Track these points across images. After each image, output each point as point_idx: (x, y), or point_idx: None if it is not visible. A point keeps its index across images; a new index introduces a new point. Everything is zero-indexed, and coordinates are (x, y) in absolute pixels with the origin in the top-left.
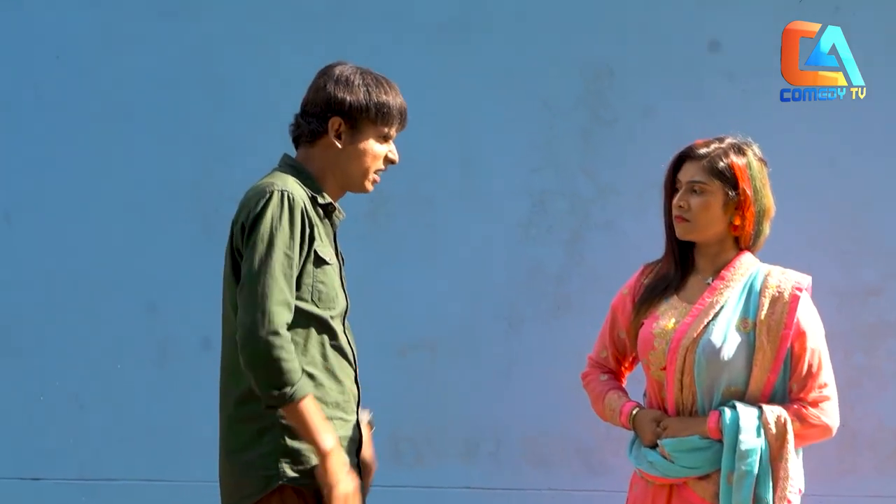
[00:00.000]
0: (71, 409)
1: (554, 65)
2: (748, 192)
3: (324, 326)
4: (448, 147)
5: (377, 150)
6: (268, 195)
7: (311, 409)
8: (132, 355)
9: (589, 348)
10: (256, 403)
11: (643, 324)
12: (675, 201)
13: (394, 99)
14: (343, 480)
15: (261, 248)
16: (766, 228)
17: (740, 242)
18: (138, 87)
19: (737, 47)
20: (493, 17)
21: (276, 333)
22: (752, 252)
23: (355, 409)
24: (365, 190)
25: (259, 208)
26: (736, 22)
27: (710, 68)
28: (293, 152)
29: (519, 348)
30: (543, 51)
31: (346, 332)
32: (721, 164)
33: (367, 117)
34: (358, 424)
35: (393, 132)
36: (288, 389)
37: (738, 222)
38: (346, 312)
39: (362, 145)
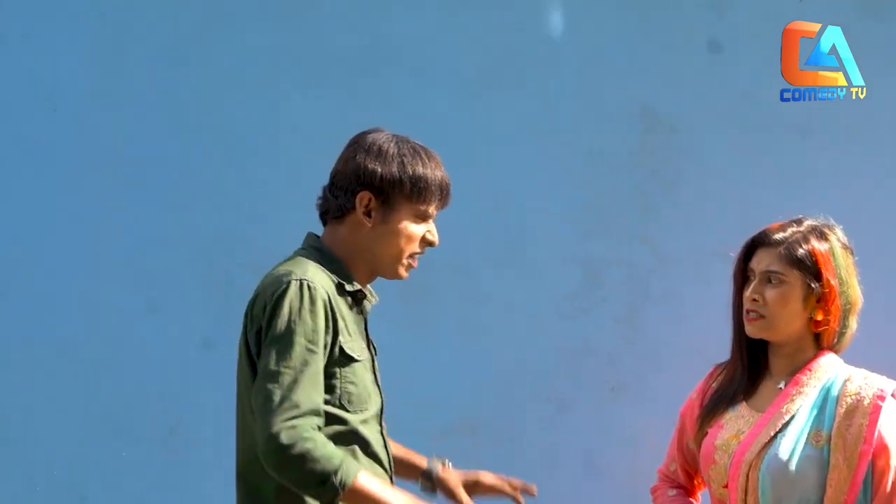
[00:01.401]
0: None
1: (605, 114)
2: (832, 282)
3: (355, 435)
4: (489, 211)
5: (413, 230)
6: (284, 285)
7: (368, 485)
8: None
9: (645, 433)
10: None
11: (707, 434)
12: (747, 294)
13: (433, 172)
14: None
15: (278, 345)
16: (853, 324)
17: (822, 341)
18: (141, 141)
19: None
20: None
21: (293, 428)
22: (836, 352)
23: None
24: (398, 276)
25: (275, 300)
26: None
27: (780, 122)
28: (310, 212)
29: (567, 434)
30: (593, 97)
31: (383, 434)
32: (801, 250)
33: (402, 193)
34: None
35: (432, 210)
36: (333, 478)
37: (819, 317)
38: (381, 412)
39: (395, 225)
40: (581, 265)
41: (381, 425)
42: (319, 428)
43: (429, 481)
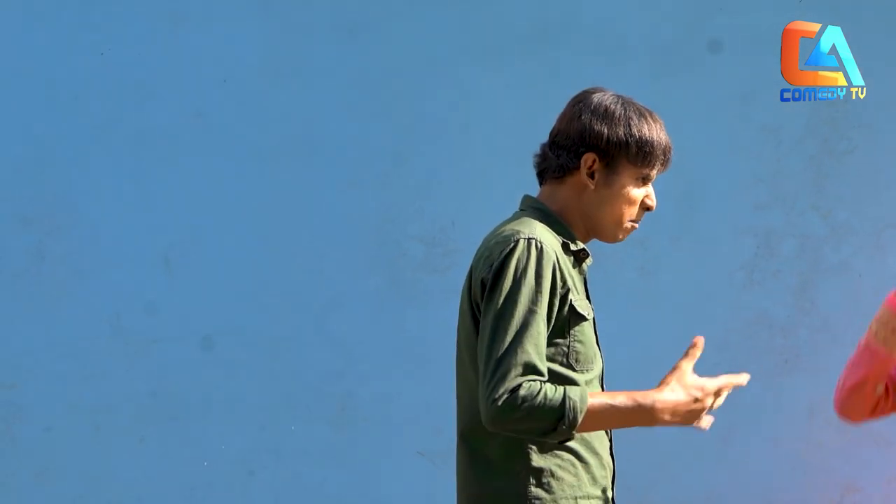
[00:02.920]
0: (238, 475)
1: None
2: None
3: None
4: (664, 182)
5: (634, 194)
6: (513, 244)
7: (600, 409)
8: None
9: (820, 406)
10: (503, 480)
11: None
12: None
13: (658, 135)
14: (674, 406)
15: (501, 306)
16: None
17: None
18: (314, 117)
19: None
20: (717, 40)
21: (511, 392)
22: None
23: (611, 486)
24: (616, 239)
25: (502, 259)
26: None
27: None
28: (493, 192)
29: (741, 405)
30: (769, 73)
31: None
32: None
33: (627, 155)
34: (613, 501)
35: (653, 174)
36: (563, 422)
37: None
38: (602, 373)
39: (618, 188)
40: (754, 236)
41: (602, 387)
42: (533, 380)
43: None
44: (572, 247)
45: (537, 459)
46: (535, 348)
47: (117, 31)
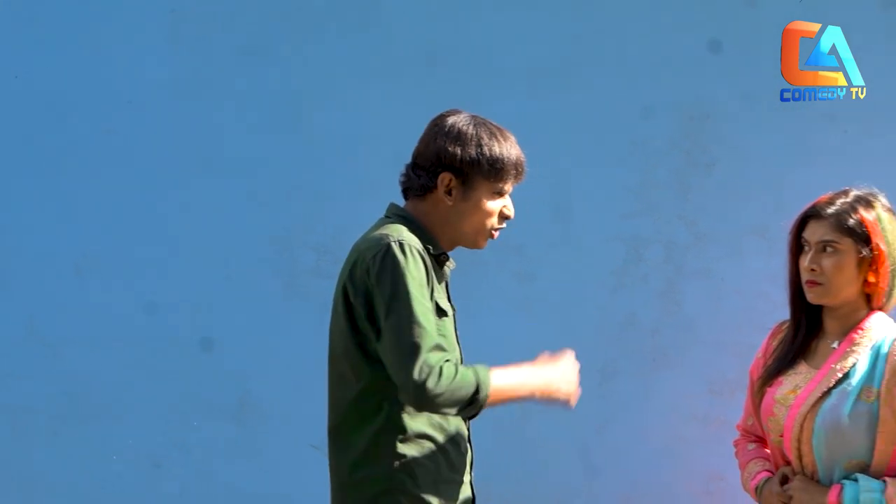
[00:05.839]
0: (145, 468)
1: (647, 105)
2: (882, 246)
3: None
4: (539, 193)
5: (490, 206)
6: (384, 247)
7: (500, 388)
8: (209, 414)
9: (685, 402)
10: (371, 468)
11: (767, 391)
12: (805, 264)
13: (508, 151)
14: (554, 382)
15: (393, 302)
16: None
17: (872, 302)
18: (216, 134)
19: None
20: (585, 61)
21: (429, 370)
22: (886, 311)
23: (469, 470)
24: (477, 246)
25: (379, 262)
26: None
27: (814, 112)
28: (382, 202)
29: (612, 402)
30: (636, 90)
31: None
32: (851, 220)
33: (480, 173)
34: (471, 484)
35: (508, 187)
36: (478, 400)
37: (872, 280)
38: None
39: (475, 202)
40: (624, 243)
41: None
42: (447, 360)
43: None
44: (433, 250)
45: (402, 448)
46: (436, 330)
47: (32, 55)
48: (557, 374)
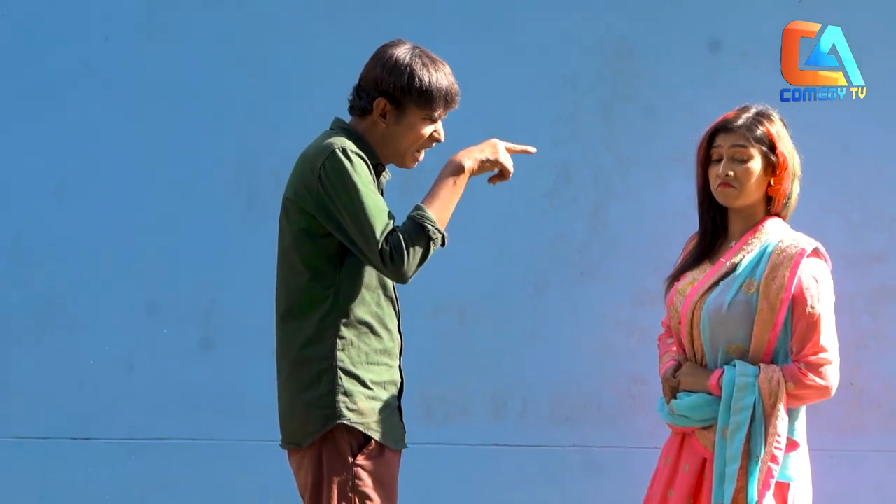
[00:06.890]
0: (119, 371)
1: (577, 43)
2: (784, 152)
3: (380, 277)
4: (475, 122)
5: (421, 131)
6: (329, 153)
7: (441, 206)
8: (177, 320)
9: (610, 312)
10: (318, 346)
11: (674, 285)
12: (718, 171)
13: (440, 81)
14: (472, 154)
15: (346, 194)
16: (797, 189)
17: (772, 206)
18: (184, 70)
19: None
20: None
21: (388, 245)
22: (784, 217)
23: (399, 356)
24: (406, 166)
25: (324, 165)
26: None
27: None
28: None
29: (544, 312)
30: (566, 30)
31: (393, 283)
32: (758, 130)
33: (412, 100)
34: (401, 370)
35: (439, 114)
36: (434, 235)
37: (775, 184)
38: None
39: (405, 126)
40: (555, 168)
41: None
42: (391, 231)
43: None
44: (371, 161)
45: (343, 331)
46: (384, 205)
47: None
48: (472, 149)
